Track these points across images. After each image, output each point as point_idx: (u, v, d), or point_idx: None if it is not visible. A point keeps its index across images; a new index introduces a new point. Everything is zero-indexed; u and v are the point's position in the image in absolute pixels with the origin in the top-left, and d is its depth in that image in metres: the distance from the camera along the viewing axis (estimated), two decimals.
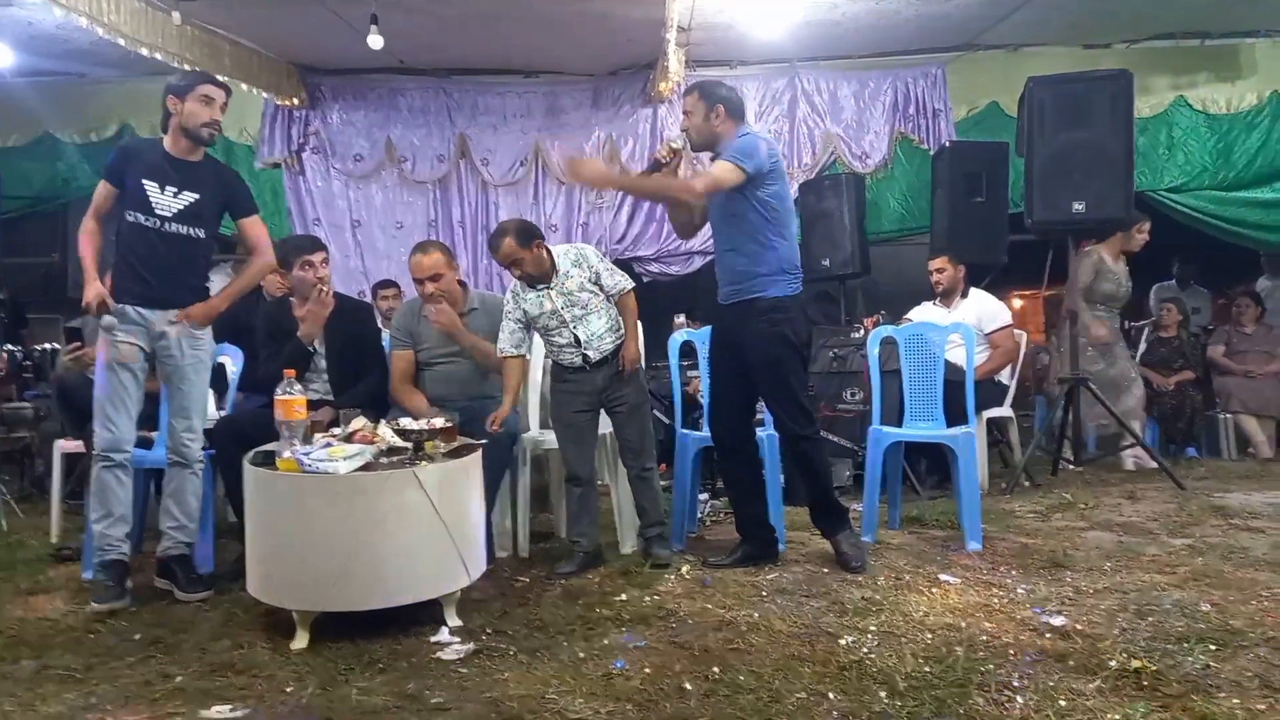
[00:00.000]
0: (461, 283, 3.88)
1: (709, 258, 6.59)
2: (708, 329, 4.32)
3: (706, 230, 6.58)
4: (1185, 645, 2.59)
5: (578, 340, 3.58)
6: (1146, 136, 6.35)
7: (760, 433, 3.79)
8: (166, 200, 3.25)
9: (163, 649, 2.77)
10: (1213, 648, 2.57)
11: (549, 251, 3.58)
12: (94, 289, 3.16)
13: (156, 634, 2.90)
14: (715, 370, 3.67)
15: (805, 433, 3.49)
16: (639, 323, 3.68)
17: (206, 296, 3.40)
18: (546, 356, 4.03)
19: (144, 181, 3.23)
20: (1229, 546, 3.65)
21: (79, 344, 4.27)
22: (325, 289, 3.70)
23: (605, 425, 3.77)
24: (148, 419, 3.55)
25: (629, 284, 3.65)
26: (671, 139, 3.49)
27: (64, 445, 4.06)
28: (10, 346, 4.73)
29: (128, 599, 3.19)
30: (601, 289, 3.60)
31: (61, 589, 3.39)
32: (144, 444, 3.64)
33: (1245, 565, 3.39)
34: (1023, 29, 6.05)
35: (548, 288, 3.56)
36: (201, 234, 3.36)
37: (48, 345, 4.78)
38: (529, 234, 3.52)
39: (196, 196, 3.30)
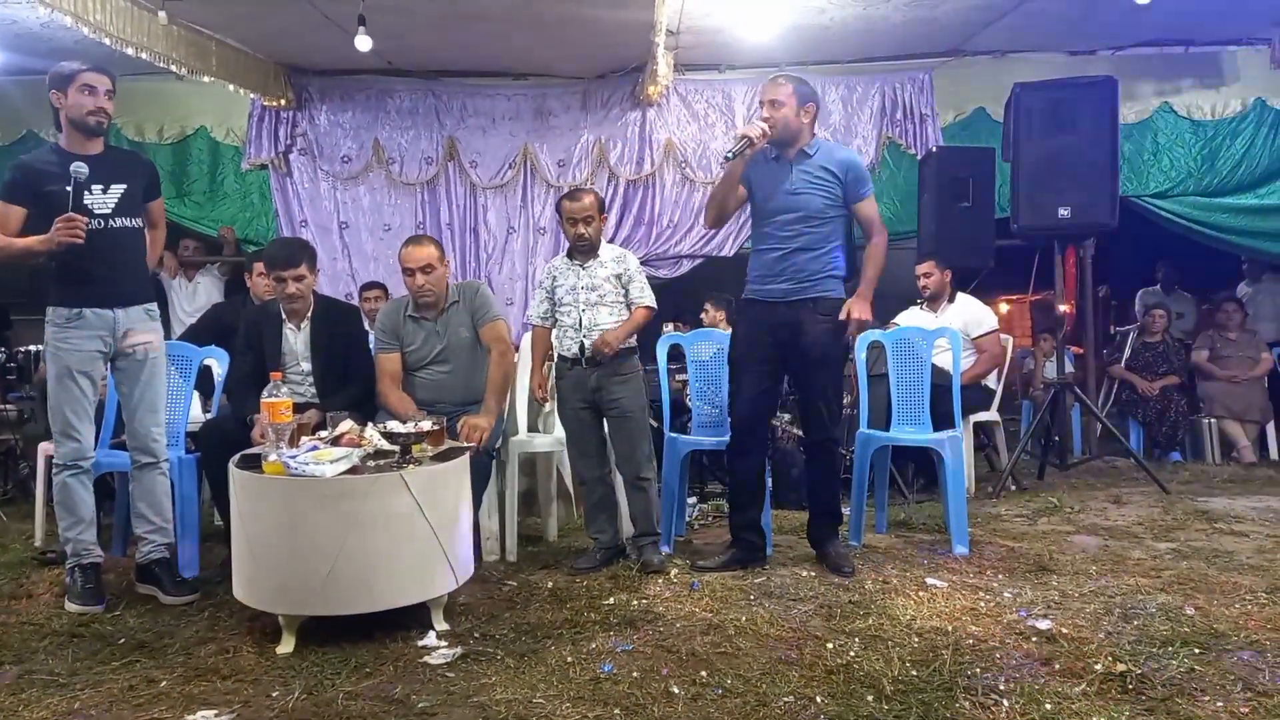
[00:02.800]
0: None
1: (696, 261, 6.63)
2: (695, 332, 4.34)
3: (695, 235, 6.66)
4: (1170, 649, 2.61)
5: (580, 324, 3.65)
6: (1131, 142, 6.39)
7: None
8: (100, 199, 3.19)
9: (147, 653, 2.76)
10: (1197, 651, 2.60)
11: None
12: (51, 234, 3.03)
13: (141, 638, 2.89)
14: (747, 365, 3.60)
15: (835, 435, 3.60)
16: (634, 332, 3.73)
17: (152, 285, 3.45)
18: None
19: (69, 188, 3.13)
20: (1213, 550, 3.68)
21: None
22: (297, 305, 3.71)
23: None
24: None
25: (648, 302, 3.73)
26: (760, 122, 3.46)
27: (48, 448, 4.02)
28: None
29: (105, 601, 3.19)
30: (625, 291, 3.70)
31: (45, 593, 3.36)
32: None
33: (1229, 569, 3.42)
34: (1009, 35, 6.08)
35: (582, 266, 3.70)
36: (140, 223, 3.34)
37: (32, 347, 4.73)
38: (605, 206, 3.92)
39: (125, 186, 3.26)
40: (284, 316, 3.75)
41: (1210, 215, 6.54)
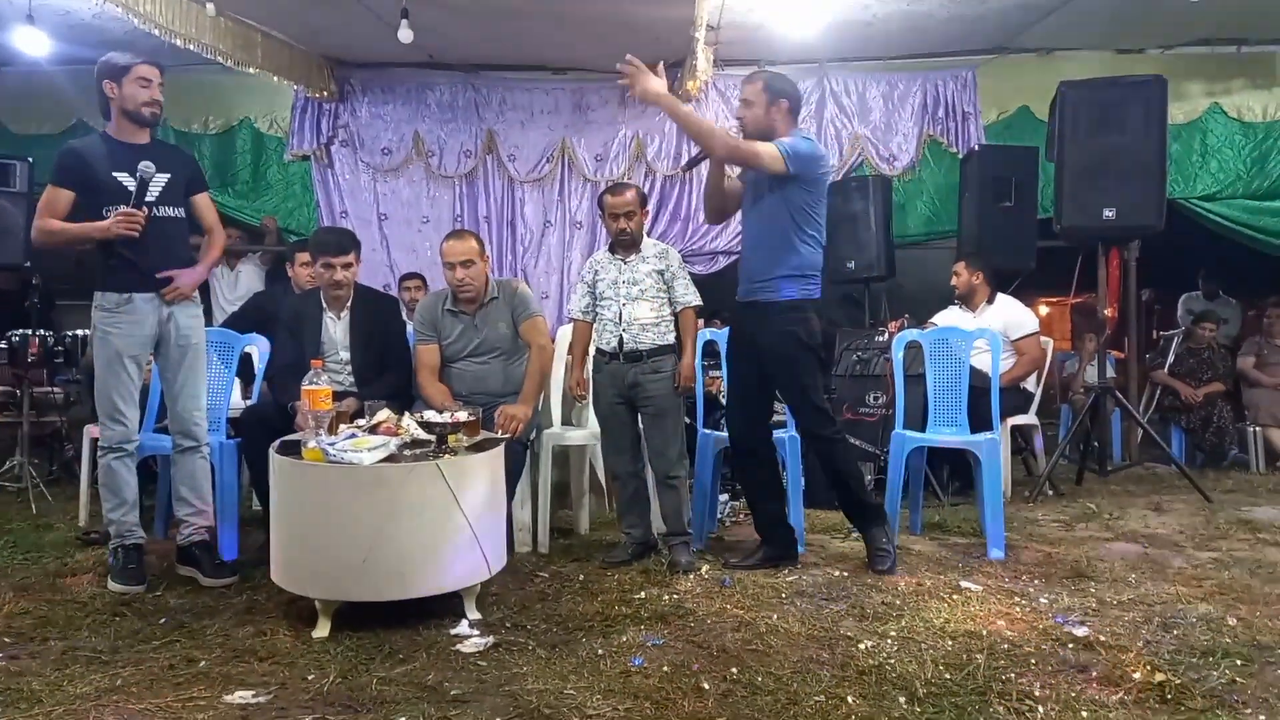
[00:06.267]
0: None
1: (733, 257, 6.60)
2: (730, 329, 4.33)
3: (731, 231, 6.64)
4: (1210, 659, 2.57)
5: (620, 318, 3.64)
6: (1180, 143, 6.26)
7: (780, 434, 3.79)
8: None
9: (187, 634, 2.81)
10: (1238, 662, 2.55)
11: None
12: (109, 223, 3.14)
13: (180, 619, 2.94)
14: (732, 368, 3.68)
15: (823, 433, 3.51)
16: (694, 346, 3.74)
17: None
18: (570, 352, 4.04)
19: (115, 175, 3.22)
20: (1256, 561, 3.61)
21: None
22: (341, 293, 3.73)
23: None
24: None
25: (694, 300, 3.72)
26: (727, 128, 3.46)
27: (93, 430, 4.10)
28: (42, 332, 4.78)
29: (146, 582, 3.25)
30: (669, 290, 3.69)
31: (89, 572, 3.43)
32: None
33: (1273, 580, 3.35)
34: (1056, 33, 5.98)
35: (624, 260, 3.69)
36: (181, 213, 3.38)
37: (78, 331, 4.83)
38: (646, 200, 3.88)
39: (169, 176, 3.31)
40: (325, 305, 3.80)
41: (1259, 219, 6.39)
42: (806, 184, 3.37)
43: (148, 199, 3.24)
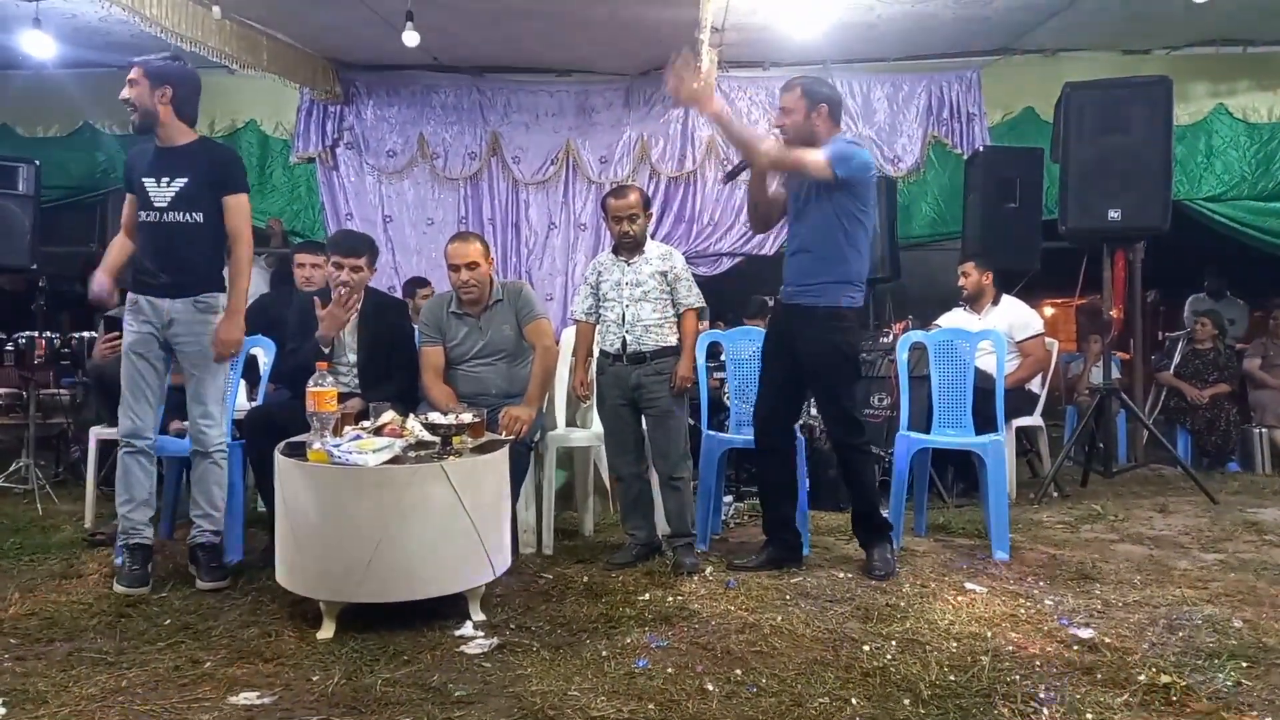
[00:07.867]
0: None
1: (736, 260, 6.62)
2: (734, 330, 4.34)
3: (735, 233, 6.65)
4: (1216, 661, 2.56)
5: (623, 319, 3.64)
6: (1185, 144, 6.26)
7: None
8: (161, 191, 3.30)
9: (192, 635, 2.81)
10: (1244, 665, 2.54)
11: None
12: (96, 281, 3.38)
13: (186, 620, 2.94)
14: (767, 366, 3.63)
15: (853, 442, 3.50)
16: (694, 347, 3.74)
17: (216, 280, 3.40)
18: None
19: (143, 180, 3.31)
20: (1262, 562, 3.60)
21: (116, 334, 4.31)
22: (346, 292, 3.66)
23: None
24: (179, 409, 3.59)
25: (698, 303, 3.73)
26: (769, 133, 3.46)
27: (99, 432, 4.12)
28: (48, 334, 4.80)
29: (150, 584, 3.25)
30: (672, 292, 3.69)
31: (94, 574, 3.44)
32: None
33: (1279, 582, 3.33)
34: (1061, 34, 5.98)
35: (628, 262, 3.70)
36: (200, 218, 3.32)
37: (85, 333, 4.85)
38: (650, 203, 3.92)
39: (186, 180, 3.31)
40: None
41: (1264, 220, 6.39)
42: (854, 190, 3.35)
43: (159, 204, 3.29)
